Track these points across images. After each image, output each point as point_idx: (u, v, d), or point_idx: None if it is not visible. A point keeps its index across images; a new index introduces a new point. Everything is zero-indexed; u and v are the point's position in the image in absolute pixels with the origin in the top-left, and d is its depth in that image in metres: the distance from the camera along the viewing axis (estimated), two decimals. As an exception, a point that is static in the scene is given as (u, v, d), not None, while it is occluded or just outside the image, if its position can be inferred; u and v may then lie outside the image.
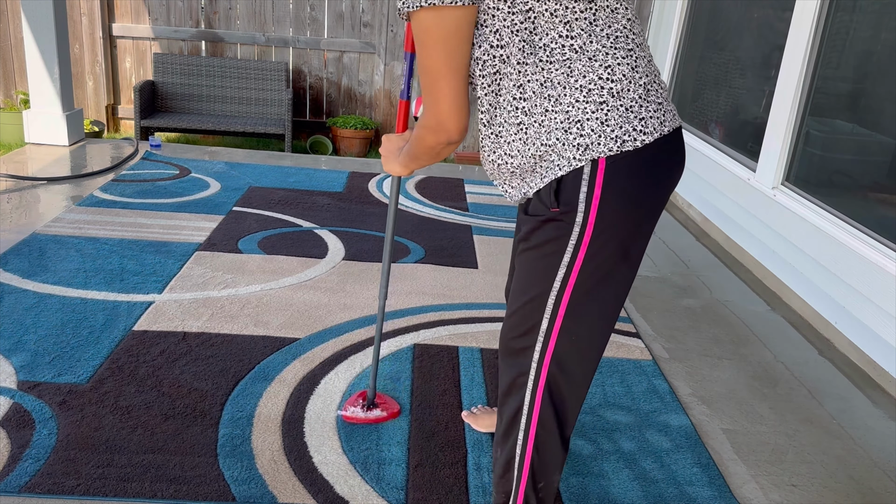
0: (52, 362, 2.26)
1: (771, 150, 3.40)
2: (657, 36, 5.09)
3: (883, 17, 2.81)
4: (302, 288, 2.93)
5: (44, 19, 4.48)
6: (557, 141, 1.20)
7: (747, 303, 3.23)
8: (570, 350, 1.34)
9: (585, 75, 1.18)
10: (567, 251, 1.24)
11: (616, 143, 1.18)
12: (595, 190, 1.19)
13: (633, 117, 1.19)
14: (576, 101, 1.18)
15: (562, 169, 1.20)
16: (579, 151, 1.18)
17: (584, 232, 1.22)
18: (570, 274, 1.26)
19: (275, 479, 1.83)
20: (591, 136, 1.18)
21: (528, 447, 1.41)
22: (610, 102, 1.18)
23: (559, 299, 1.28)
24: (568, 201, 1.21)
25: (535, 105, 1.20)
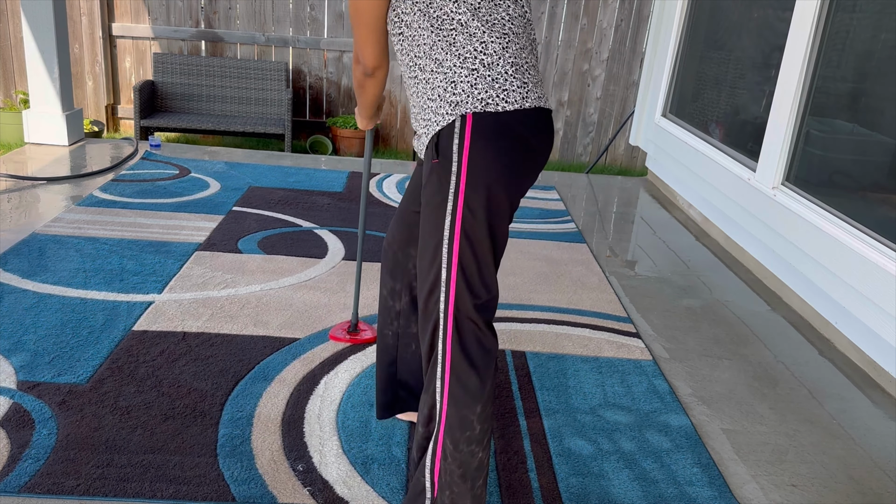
0: (51, 362, 2.26)
1: (771, 149, 3.40)
2: (657, 36, 5.09)
3: (883, 17, 2.81)
4: (302, 288, 2.93)
5: (44, 19, 4.48)
6: (439, 98, 1.45)
7: (747, 303, 3.23)
8: (466, 293, 1.49)
9: (465, 46, 1.44)
10: (449, 199, 1.44)
11: (481, 103, 1.41)
12: (465, 141, 1.41)
13: (497, 87, 1.42)
14: (454, 66, 1.44)
15: (438, 124, 1.45)
16: (451, 107, 1.43)
17: (460, 180, 1.43)
18: (455, 220, 1.45)
19: (275, 479, 1.83)
20: (461, 95, 1.42)
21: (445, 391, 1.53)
22: (480, 71, 1.43)
23: (451, 245, 1.47)
24: (444, 153, 1.44)
25: (426, 64, 1.47)
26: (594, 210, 4.44)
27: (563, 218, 4.17)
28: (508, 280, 3.20)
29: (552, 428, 2.15)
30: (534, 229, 3.92)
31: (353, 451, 1.96)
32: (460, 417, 1.52)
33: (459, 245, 1.46)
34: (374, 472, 1.89)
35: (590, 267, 3.45)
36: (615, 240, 3.93)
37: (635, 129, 5.37)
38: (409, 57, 1.50)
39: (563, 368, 2.49)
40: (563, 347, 2.64)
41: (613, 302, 3.07)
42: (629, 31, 5.96)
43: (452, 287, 1.48)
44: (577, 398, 2.32)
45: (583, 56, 6.02)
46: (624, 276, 3.40)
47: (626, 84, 6.09)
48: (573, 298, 3.07)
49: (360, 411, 2.15)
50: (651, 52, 5.19)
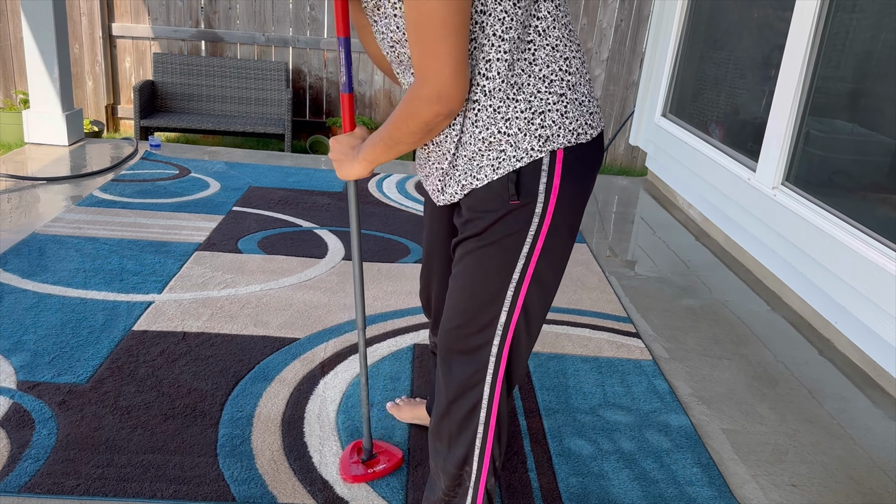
0: (51, 362, 2.26)
1: (771, 149, 3.40)
2: (657, 36, 5.09)
3: (883, 17, 2.81)
4: (302, 288, 2.93)
5: (44, 19, 4.48)
6: (519, 131, 1.18)
7: (747, 303, 3.23)
8: (524, 336, 1.35)
9: (549, 65, 1.17)
10: (526, 242, 1.24)
11: (573, 135, 1.19)
12: (554, 181, 1.19)
13: (585, 111, 1.21)
14: (538, 92, 1.17)
15: (520, 161, 1.19)
16: (540, 142, 1.18)
17: (543, 222, 1.22)
18: (529, 264, 1.26)
19: (275, 479, 1.83)
20: (552, 128, 1.18)
21: (489, 439, 1.41)
22: (568, 95, 1.19)
23: (518, 290, 1.28)
24: (528, 193, 1.20)
25: (497, 88, 1.16)
26: (594, 210, 4.44)
27: (563, 218, 4.16)
28: (508, 280, 3.20)
29: (552, 428, 2.15)
30: (534, 229, 3.92)
31: (353, 451, 1.96)
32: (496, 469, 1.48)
33: (528, 288, 1.28)
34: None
35: (590, 267, 3.46)
36: (615, 240, 3.93)
37: (635, 129, 5.37)
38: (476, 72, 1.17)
39: (563, 368, 2.49)
40: (563, 347, 2.64)
41: (613, 302, 3.07)
42: (629, 31, 5.96)
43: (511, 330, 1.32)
44: (577, 398, 2.32)
45: (583, 56, 6.02)
46: (624, 276, 3.40)
47: (626, 84, 6.09)
48: (573, 298, 3.08)
49: (360, 411, 2.15)
50: (651, 52, 5.19)
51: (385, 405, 2.19)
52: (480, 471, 1.45)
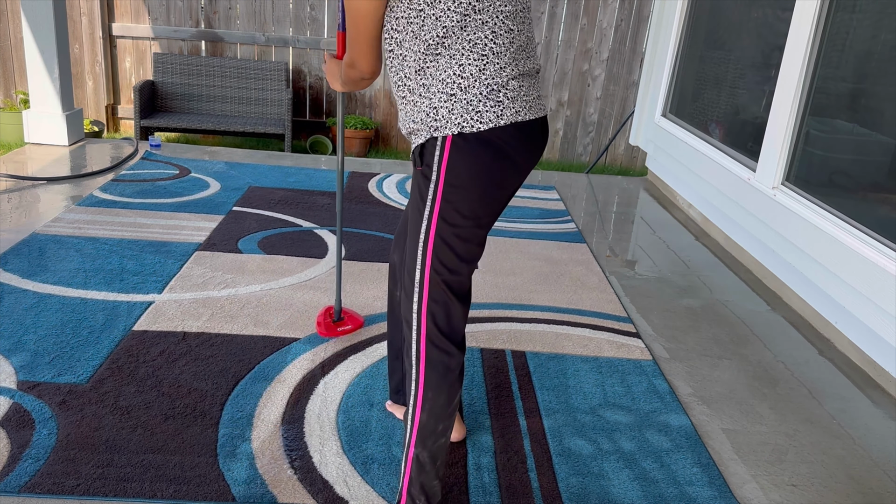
0: (51, 362, 2.26)
1: (771, 149, 3.40)
2: (657, 36, 5.09)
3: (883, 17, 2.81)
4: (302, 288, 2.93)
5: (44, 19, 4.48)
6: (422, 121, 1.54)
7: (747, 303, 3.23)
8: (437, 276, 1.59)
9: (446, 70, 1.50)
10: (427, 203, 1.55)
11: (457, 127, 1.50)
12: (444, 155, 1.52)
13: (471, 109, 1.50)
14: (438, 92, 1.51)
15: (421, 138, 1.56)
16: (432, 130, 1.53)
17: (438, 187, 1.53)
18: (431, 223, 1.56)
19: (275, 479, 1.83)
20: (440, 121, 1.51)
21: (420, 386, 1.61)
22: (458, 95, 1.50)
23: (426, 243, 1.57)
24: (427, 162, 1.55)
25: (414, 87, 1.55)
26: (594, 210, 4.44)
27: (563, 218, 4.17)
28: (508, 280, 3.20)
29: (552, 428, 2.15)
30: (534, 229, 3.92)
31: (353, 451, 1.96)
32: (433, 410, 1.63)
33: (434, 240, 1.56)
34: (374, 471, 1.89)
35: (590, 267, 3.46)
36: (615, 240, 3.93)
37: (635, 129, 5.37)
38: (399, 76, 1.57)
39: (563, 368, 2.49)
40: (563, 347, 2.64)
41: (613, 302, 3.07)
42: (629, 31, 5.96)
43: (426, 283, 1.60)
44: (577, 398, 2.32)
45: (583, 56, 6.02)
46: (624, 276, 3.40)
47: (626, 84, 6.09)
48: (573, 298, 3.08)
49: (360, 411, 2.15)
50: (651, 52, 5.19)
51: (385, 404, 2.19)
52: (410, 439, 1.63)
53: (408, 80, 1.55)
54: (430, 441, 1.61)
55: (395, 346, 2.04)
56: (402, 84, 1.57)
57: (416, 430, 1.62)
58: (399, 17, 1.49)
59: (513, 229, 3.89)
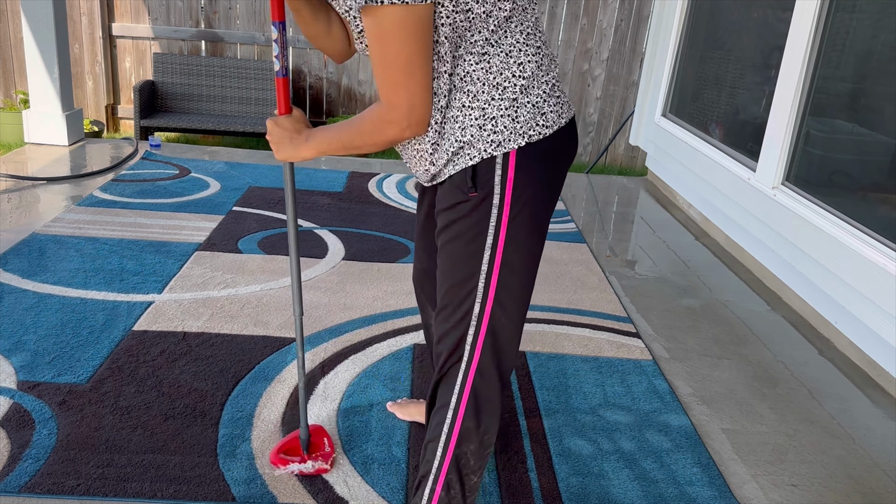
0: (51, 362, 2.26)
1: (771, 149, 3.40)
2: (657, 36, 5.09)
3: (883, 17, 2.81)
4: (302, 288, 2.93)
5: (44, 19, 4.48)
6: (472, 137, 1.28)
7: (747, 303, 3.23)
8: (503, 325, 1.40)
9: (501, 72, 1.26)
10: (489, 233, 1.32)
11: (524, 137, 1.28)
12: (509, 173, 1.28)
13: (537, 113, 1.29)
14: (491, 99, 1.27)
15: (473, 159, 1.29)
16: (492, 146, 1.28)
17: (503, 213, 1.31)
18: (496, 255, 1.33)
19: (275, 479, 1.83)
20: (503, 133, 1.27)
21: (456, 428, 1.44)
22: (520, 99, 1.28)
23: (488, 281, 1.35)
24: (484, 185, 1.29)
25: (455, 99, 1.27)
26: (594, 210, 4.44)
27: (563, 218, 4.17)
28: (508, 280, 3.20)
29: (552, 428, 2.15)
30: (534, 229, 3.92)
31: (353, 451, 1.96)
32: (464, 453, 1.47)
33: (499, 275, 1.35)
34: (374, 472, 1.89)
35: (590, 267, 3.46)
36: (615, 240, 3.93)
37: (635, 129, 5.37)
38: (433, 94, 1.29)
39: (563, 368, 2.49)
40: (563, 347, 2.64)
41: (613, 302, 3.07)
42: (629, 31, 5.96)
43: (485, 320, 1.38)
44: (577, 398, 2.32)
45: (583, 56, 6.02)
46: (624, 276, 3.40)
47: (626, 84, 6.09)
48: (573, 298, 3.08)
49: (360, 411, 2.15)
50: (651, 52, 5.19)
51: (385, 405, 2.19)
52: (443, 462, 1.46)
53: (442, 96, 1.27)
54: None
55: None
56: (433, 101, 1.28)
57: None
58: (441, 24, 1.20)
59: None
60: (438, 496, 1.47)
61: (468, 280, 1.36)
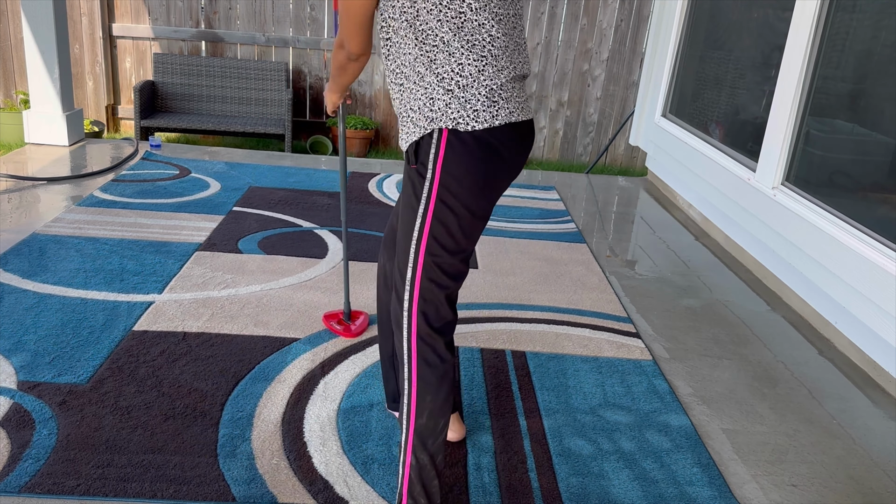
0: (52, 362, 2.26)
1: (771, 149, 3.40)
2: (657, 36, 5.09)
3: (883, 17, 2.81)
4: (302, 288, 2.93)
5: (44, 19, 4.48)
6: (419, 110, 1.55)
7: (747, 303, 3.23)
8: (430, 284, 1.60)
9: (443, 65, 1.51)
10: (421, 202, 1.56)
11: (452, 122, 1.51)
12: (440, 153, 1.53)
13: (468, 107, 1.51)
14: (432, 83, 1.53)
15: (418, 134, 1.55)
16: (427, 122, 1.54)
17: (433, 187, 1.54)
18: (425, 223, 1.56)
19: (275, 479, 1.83)
20: (437, 112, 1.52)
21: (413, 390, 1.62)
22: (455, 92, 1.51)
23: (419, 245, 1.58)
24: (422, 160, 1.55)
25: (409, 75, 1.56)
26: (594, 210, 4.44)
27: (563, 218, 4.17)
28: (508, 280, 3.20)
29: (552, 428, 2.15)
30: (534, 229, 3.92)
31: (353, 451, 1.96)
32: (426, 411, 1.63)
33: (427, 241, 1.57)
34: (374, 472, 1.89)
35: (590, 267, 3.46)
36: (615, 240, 3.93)
37: (635, 129, 5.37)
38: (396, 64, 1.58)
39: (563, 368, 2.49)
40: (563, 347, 2.64)
41: (613, 302, 3.07)
42: (629, 31, 5.96)
43: (417, 281, 1.60)
44: (577, 398, 2.32)
45: (583, 56, 6.02)
46: (624, 276, 3.40)
47: (626, 84, 6.09)
48: (573, 298, 3.08)
49: (360, 411, 2.15)
50: (651, 52, 5.19)
51: (385, 405, 2.19)
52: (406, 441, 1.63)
53: (403, 67, 1.56)
54: (429, 441, 1.61)
55: (387, 353, 2.03)
56: (399, 72, 1.58)
57: (413, 432, 1.62)
58: (394, 4, 1.51)
59: (513, 229, 3.89)
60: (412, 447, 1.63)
61: (407, 242, 1.60)
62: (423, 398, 1.61)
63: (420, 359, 1.61)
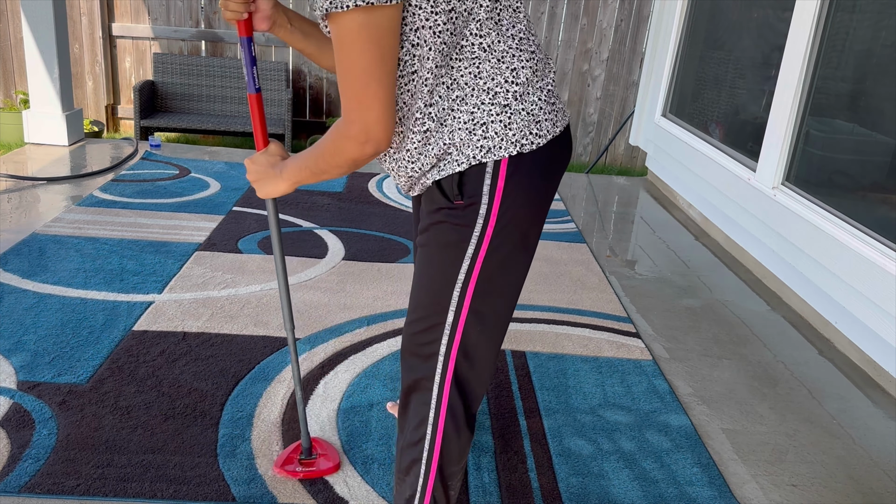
0: (51, 362, 2.26)
1: (771, 149, 3.40)
2: (657, 36, 5.09)
3: (883, 17, 2.81)
4: (302, 288, 2.93)
5: (44, 19, 4.48)
6: (461, 141, 1.22)
7: (747, 303, 3.23)
8: (476, 341, 1.33)
9: (493, 77, 1.20)
10: (471, 243, 1.25)
11: (515, 147, 1.22)
12: (499, 182, 1.22)
13: (531, 121, 1.23)
14: (482, 104, 1.21)
15: (460, 165, 1.23)
16: (482, 152, 1.21)
17: (488, 224, 1.24)
18: (475, 266, 1.27)
19: (275, 479, 1.83)
20: (493, 139, 1.21)
21: (437, 444, 1.39)
22: (513, 106, 1.22)
23: (464, 291, 1.29)
24: (472, 193, 1.23)
25: (442, 109, 1.21)
26: (594, 210, 4.44)
27: (563, 218, 4.17)
28: (508, 280, 3.20)
29: (552, 428, 2.15)
30: (534, 229, 3.92)
31: (353, 451, 1.96)
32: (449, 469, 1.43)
33: (474, 292, 1.29)
34: (374, 472, 1.89)
35: (590, 267, 3.46)
36: (615, 240, 3.93)
37: (635, 129, 5.37)
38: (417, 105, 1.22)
39: (563, 368, 2.49)
40: (563, 347, 2.64)
41: (613, 302, 3.07)
42: (629, 31, 5.96)
43: (459, 331, 1.31)
44: (577, 398, 2.32)
45: (583, 56, 6.02)
46: (624, 276, 3.40)
47: (626, 84, 6.09)
48: (573, 298, 3.08)
49: (359, 411, 2.15)
50: (651, 52, 5.19)
51: (386, 405, 2.19)
52: (427, 477, 1.41)
53: (429, 106, 1.21)
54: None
55: None
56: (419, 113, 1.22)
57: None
58: (421, 27, 1.14)
59: (513, 229, 3.89)
60: None
61: (444, 289, 1.30)
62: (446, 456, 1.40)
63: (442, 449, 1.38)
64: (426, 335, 1.34)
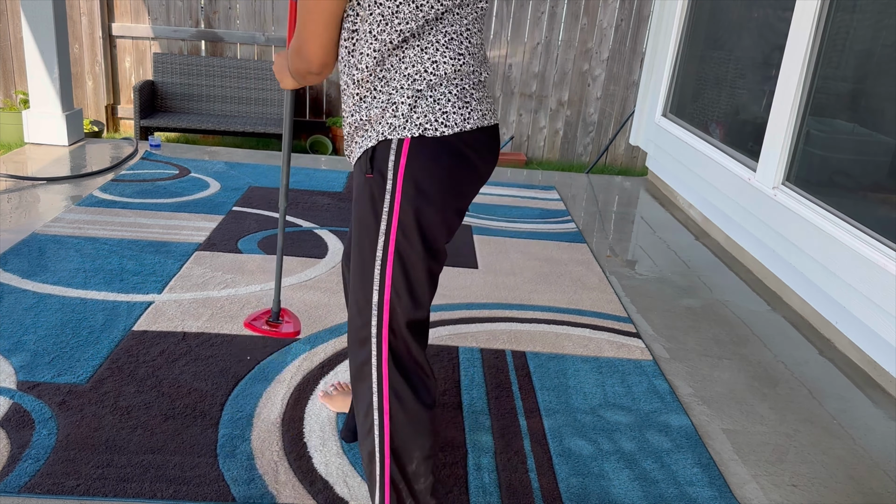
0: (51, 362, 2.26)
1: (771, 149, 3.40)
2: (657, 36, 5.09)
3: (883, 17, 2.81)
4: (302, 288, 2.93)
5: (44, 19, 4.48)
6: (375, 117, 1.37)
7: (747, 303, 3.23)
8: (401, 320, 1.42)
9: (414, 65, 1.34)
10: (383, 217, 1.38)
11: (419, 129, 1.35)
12: (401, 161, 1.35)
13: (438, 110, 1.35)
14: (400, 87, 1.35)
15: (371, 140, 1.38)
16: (389, 129, 1.36)
17: (395, 199, 1.36)
18: (389, 242, 1.38)
19: (275, 479, 1.83)
20: (399, 119, 1.35)
21: (386, 427, 1.45)
22: (425, 93, 1.35)
23: (384, 269, 1.40)
24: (380, 168, 1.37)
25: (365, 79, 1.37)
26: (594, 210, 4.44)
27: (563, 218, 4.17)
28: (508, 280, 3.20)
29: (552, 428, 2.15)
30: (534, 229, 3.92)
31: (353, 451, 1.96)
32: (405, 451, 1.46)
33: (393, 265, 1.39)
34: (374, 472, 1.89)
35: (590, 267, 3.45)
36: (615, 240, 3.93)
37: (635, 129, 5.37)
38: (351, 66, 1.39)
39: (563, 368, 2.49)
40: (563, 347, 2.64)
41: (613, 302, 3.07)
42: (629, 31, 5.95)
43: (386, 307, 1.42)
44: (577, 398, 2.32)
45: (583, 56, 6.02)
46: (624, 276, 3.40)
47: (626, 84, 6.09)
48: (573, 298, 3.07)
49: (360, 411, 2.15)
50: (651, 52, 5.19)
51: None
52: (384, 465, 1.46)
53: (363, 71, 1.37)
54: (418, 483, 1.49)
55: None
56: (354, 76, 1.39)
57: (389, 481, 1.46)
58: (369, 3, 1.32)
59: (513, 229, 3.89)
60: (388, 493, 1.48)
61: (367, 269, 1.42)
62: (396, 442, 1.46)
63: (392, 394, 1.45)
64: (358, 318, 1.45)
